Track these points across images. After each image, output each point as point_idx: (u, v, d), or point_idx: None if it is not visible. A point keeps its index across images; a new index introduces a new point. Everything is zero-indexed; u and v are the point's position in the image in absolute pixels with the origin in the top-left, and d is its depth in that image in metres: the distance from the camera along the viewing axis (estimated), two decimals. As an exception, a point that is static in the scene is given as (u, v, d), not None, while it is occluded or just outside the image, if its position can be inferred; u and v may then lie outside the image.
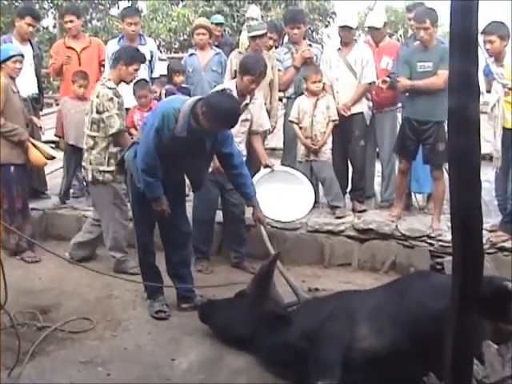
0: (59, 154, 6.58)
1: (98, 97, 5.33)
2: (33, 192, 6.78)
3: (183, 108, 4.24)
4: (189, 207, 5.23)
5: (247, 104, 5.48)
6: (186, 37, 17.87)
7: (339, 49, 6.50)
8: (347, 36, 6.42)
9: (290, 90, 6.65)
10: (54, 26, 16.74)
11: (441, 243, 5.64)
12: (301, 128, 6.18)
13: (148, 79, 6.58)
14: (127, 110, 6.42)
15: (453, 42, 2.23)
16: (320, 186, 6.43)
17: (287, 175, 5.89)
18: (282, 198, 5.73)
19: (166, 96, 6.29)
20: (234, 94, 5.28)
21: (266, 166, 5.75)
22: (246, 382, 3.92)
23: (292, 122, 6.22)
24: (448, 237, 5.56)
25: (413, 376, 3.37)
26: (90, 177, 5.48)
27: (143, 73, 6.62)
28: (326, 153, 6.18)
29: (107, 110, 5.29)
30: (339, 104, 6.26)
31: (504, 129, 5.46)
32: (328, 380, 3.49)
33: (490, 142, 5.79)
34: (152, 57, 6.88)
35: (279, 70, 6.51)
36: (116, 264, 5.56)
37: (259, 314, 4.17)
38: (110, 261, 5.62)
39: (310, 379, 3.57)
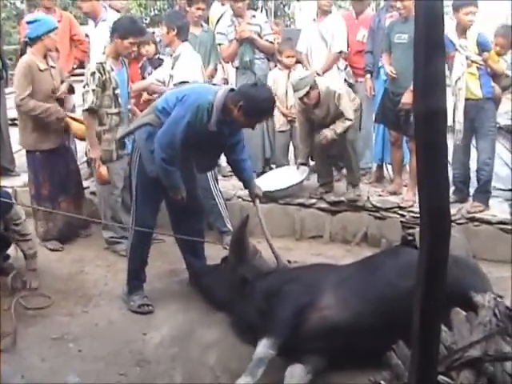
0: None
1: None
2: (1, 169, 6.71)
3: (216, 101, 4.08)
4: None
5: None
6: (156, 12, 17.71)
7: (314, 19, 6.68)
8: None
9: (236, 62, 6.61)
10: (22, 2, 16.44)
11: (412, 214, 5.62)
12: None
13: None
14: None
15: (417, 48, 2.12)
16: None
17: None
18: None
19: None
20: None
21: None
22: (219, 354, 3.93)
23: None
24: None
25: (378, 350, 3.34)
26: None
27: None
28: None
29: (87, 85, 5.06)
30: None
31: (467, 100, 5.43)
32: (274, 337, 3.58)
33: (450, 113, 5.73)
34: None
35: (221, 44, 6.62)
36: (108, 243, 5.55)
37: (234, 279, 4.29)
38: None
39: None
